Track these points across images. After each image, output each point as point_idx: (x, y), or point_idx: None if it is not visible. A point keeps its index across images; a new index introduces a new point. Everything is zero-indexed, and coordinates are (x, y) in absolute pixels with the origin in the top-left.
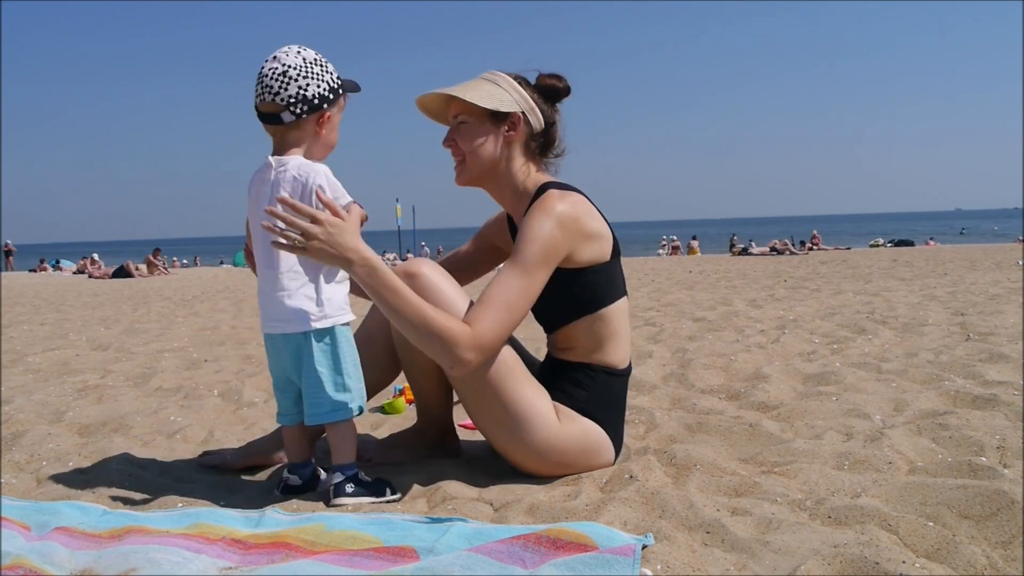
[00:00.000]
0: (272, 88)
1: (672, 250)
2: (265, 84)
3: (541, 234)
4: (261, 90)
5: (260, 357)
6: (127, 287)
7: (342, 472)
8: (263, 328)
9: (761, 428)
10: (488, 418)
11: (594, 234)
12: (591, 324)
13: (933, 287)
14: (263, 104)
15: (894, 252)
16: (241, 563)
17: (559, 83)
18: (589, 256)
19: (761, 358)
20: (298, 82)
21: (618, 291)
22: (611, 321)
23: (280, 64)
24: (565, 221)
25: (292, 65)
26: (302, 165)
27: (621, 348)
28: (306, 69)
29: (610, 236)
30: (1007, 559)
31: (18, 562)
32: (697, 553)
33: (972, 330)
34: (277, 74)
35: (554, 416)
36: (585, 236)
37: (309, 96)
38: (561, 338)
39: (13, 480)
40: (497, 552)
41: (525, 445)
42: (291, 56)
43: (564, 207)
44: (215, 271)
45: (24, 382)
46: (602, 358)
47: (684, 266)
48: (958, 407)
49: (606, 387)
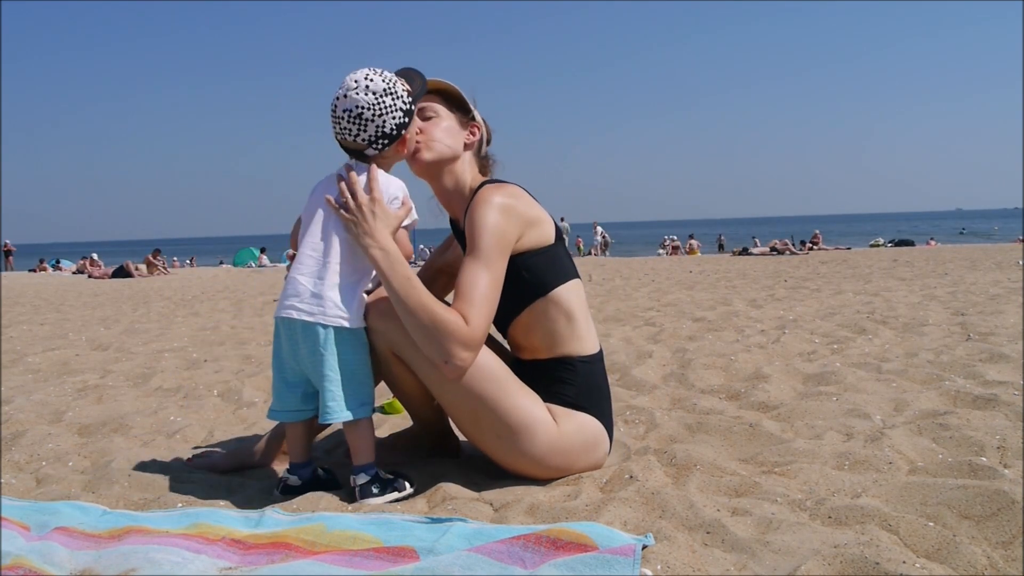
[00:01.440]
0: (351, 131)
1: (672, 250)
2: (343, 126)
3: (489, 224)
4: (340, 131)
5: (260, 357)
6: (127, 287)
7: (365, 473)
8: (284, 312)
9: (761, 428)
10: (488, 433)
11: (535, 219)
12: (545, 309)
13: (933, 287)
14: (344, 142)
15: (894, 252)
16: (241, 563)
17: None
18: (531, 241)
19: (761, 358)
20: (375, 122)
21: (568, 273)
22: (564, 303)
23: (353, 105)
24: (507, 209)
25: (365, 106)
26: (384, 177)
27: (584, 332)
28: (379, 106)
29: (551, 220)
30: (1007, 559)
31: (18, 562)
32: (697, 553)
33: (972, 330)
34: (352, 116)
35: (551, 419)
36: (527, 222)
37: (387, 131)
38: (519, 333)
39: (13, 480)
40: (497, 552)
41: (528, 453)
42: (361, 93)
43: (502, 197)
44: (215, 271)
45: (24, 382)
46: (572, 347)
47: (684, 266)
48: (958, 407)
49: (589, 375)
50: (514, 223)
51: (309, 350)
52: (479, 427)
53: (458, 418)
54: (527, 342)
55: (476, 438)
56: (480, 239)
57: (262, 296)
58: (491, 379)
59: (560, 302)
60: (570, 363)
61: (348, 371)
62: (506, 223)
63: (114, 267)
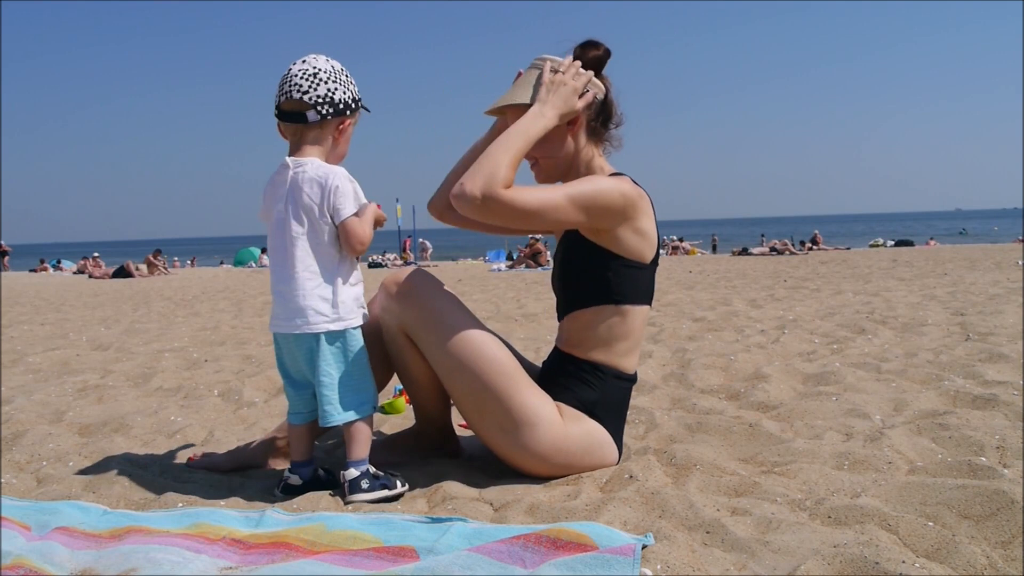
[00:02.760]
0: (301, 87)
1: (672, 250)
2: (294, 83)
3: (601, 186)
4: (288, 87)
5: (260, 357)
6: (127, 287)
7: (355, 468)
8: (273, 327)
9: (761, 428)
10: (491, 425)
11: (642, 230)
12: (610, 316)
13: (933, 287)
14: (288, 102)
15: (894, 252)
16: (241, 563)
17: (598, 51)
18: (631, 247)
19: (761, 358)
20: (327, 84)
21: (645, 297)
22: (630, 322)
23: (310, 66)
24: (628, 198)
25: (322, 69)
26: (320, 166)
27: (632, 353)
28: (335, 75)
29: (655, 244)
30: (1007, 559)
31: (18, 562)
32: (697, 553)
33: (972, 330)
34: (308, 74)
35: (558, 418)
36: (636, 228)
37: (336, 100)
38: (573, 325)
39: (13, 480)
40: (497, 552)
41: (530, 448)
42: (320, 61)
43: (632, 190)
44: (215, 271)
45: (24, 382)
46: (612, 359)
47: (684, 266)
48: (958, 407)
49: (615, 391)
50: (619, 212)
51: (304, 358)
52: (483, 417)
53: (463, 407)
54: (575, 337)
55: (479, 428)
56: (582, 184)
57: (262, 296)
58: (501, 372)
59: (625, 319)
60: (603, 372)
61: (344, 372)
62: (614, 202)
63: (115, 267)
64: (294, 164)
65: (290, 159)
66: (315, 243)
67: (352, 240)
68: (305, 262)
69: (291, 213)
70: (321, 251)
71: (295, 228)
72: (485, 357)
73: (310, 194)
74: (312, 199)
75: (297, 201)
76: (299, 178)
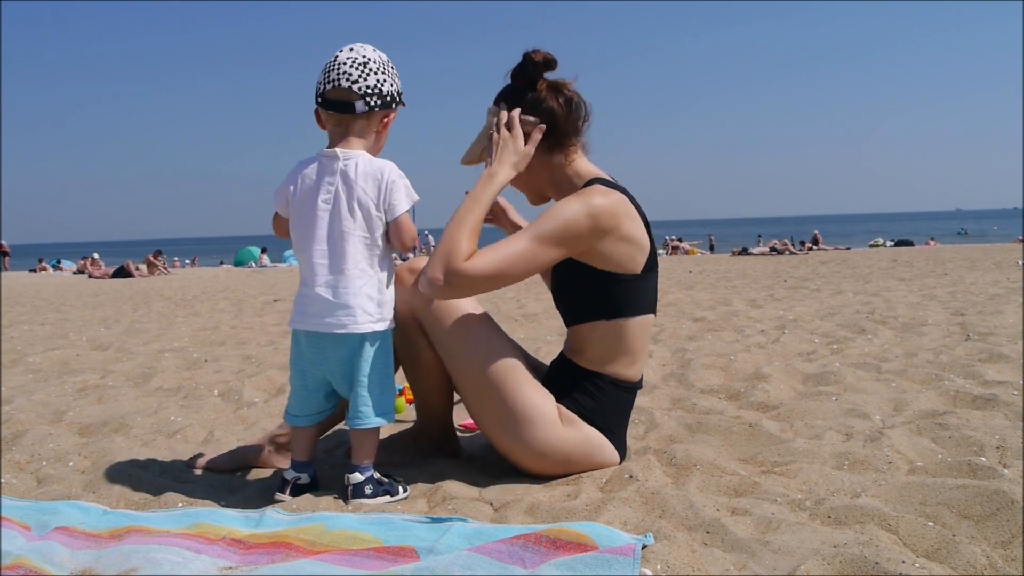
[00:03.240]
0: (351, 76)
1: (671, 250)
2: (343, 71)
3: (566, 215)
4: (336, 75)
5: (260, 357)
6: (127, 287)
7: (361, 472)
8: (302, 324)
9: (761, 428)
10: (491, 417)
11: (628, 237)
12: (606, 331)
13: (933, 287)
14: (335, 90)
15: (894, 252)
16: (241, 563)
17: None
18: (620, 257)
19: (761, 358)
20: (377, 75)
21: (643, 307)
22: (627, 336)
23: (359, 55)
24: (598, 214)
25: (372, 59)
26: (372, 161)
27: (634, 364)
28: (384, 66)
29: (646, 247)
30: (1007, 559)
31: (18, 562)
32: (697, 553)
33: (972, 330)
34: (357, 63)
35: (557, 417)
36: (619, 237)
37: (384, 91)
38: (576, 336)
39: (13, 480)
40: (497, 552)
41: (527, 444)
42: (368, 50)
43: (602, 201)
44: (215, 271)
45: (24, 382)
46: (613, 370)
47: (684, 266)
48: (958, 407)
49: (614, 400)
50: (596, 231)
51: (340, 359)
52: (485, 409)
53: (467, 397)
54: (577, 346)
55: (480, 419)
56: (548, 220)
57: (262, 296)
58: (509, 369)
59: (623, 333)
60: (602, 381)
61: (378, 376)
62: (586, 225)
63: (115, 267)
64: (343, 155)
65: (339, 150)
66: (367, 240)
67: (404, 236)
68: (356, 259)
69: (343, 207)
70: (372, 248)
71: (347, 223)
72: (493, 348)
73: (365, 188)
74: (368, 194)
75: (350, 195)
76: (350, 171)
